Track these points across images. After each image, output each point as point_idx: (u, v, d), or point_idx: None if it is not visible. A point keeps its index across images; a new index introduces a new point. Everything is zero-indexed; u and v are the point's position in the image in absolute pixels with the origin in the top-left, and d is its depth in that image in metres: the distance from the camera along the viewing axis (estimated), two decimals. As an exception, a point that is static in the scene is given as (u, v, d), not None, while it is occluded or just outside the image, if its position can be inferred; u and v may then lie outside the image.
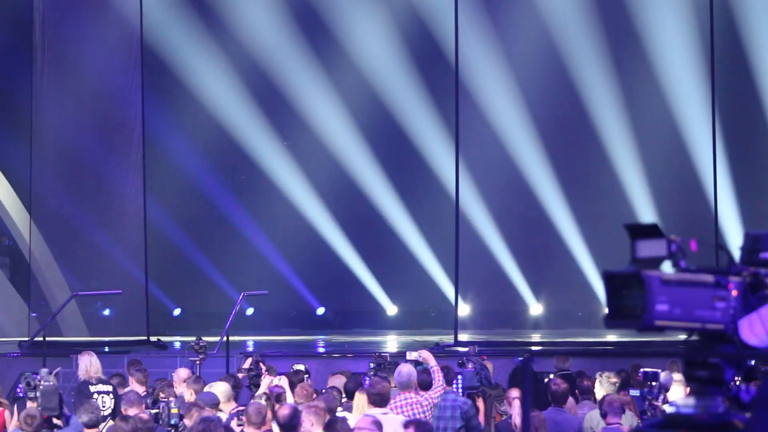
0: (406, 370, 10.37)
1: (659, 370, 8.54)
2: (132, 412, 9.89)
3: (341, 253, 23.73)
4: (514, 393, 11.47)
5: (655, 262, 3.44)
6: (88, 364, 11.89)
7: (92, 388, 11.69)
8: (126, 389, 11.98)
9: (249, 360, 11.92)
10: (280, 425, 8.56)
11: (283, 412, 8.67)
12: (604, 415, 9.92)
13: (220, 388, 10.17)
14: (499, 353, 15.85)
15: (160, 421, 9.47)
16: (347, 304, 24.37)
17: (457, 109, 19.05)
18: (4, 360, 17.43)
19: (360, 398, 10.08)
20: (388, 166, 23.51)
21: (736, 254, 3.65)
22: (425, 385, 10.59)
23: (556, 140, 21.68)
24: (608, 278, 3.47)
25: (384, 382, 9.98)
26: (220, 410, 9.87)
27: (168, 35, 23.02)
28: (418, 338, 21.53)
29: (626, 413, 10.32)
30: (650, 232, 3.47)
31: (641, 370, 8.64)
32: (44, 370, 11.73)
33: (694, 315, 3.43)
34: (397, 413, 9.93)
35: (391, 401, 9.97)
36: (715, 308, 3.45)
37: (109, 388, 11.89)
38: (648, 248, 3.46)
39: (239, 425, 9.19)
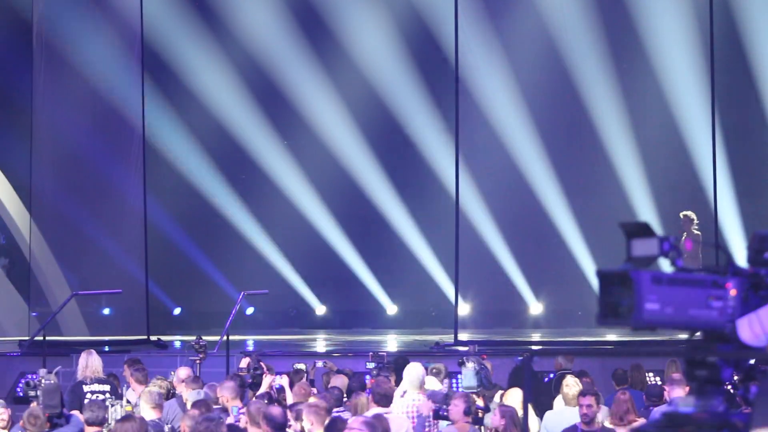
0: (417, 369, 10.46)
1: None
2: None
3: (341, 252, 23.71)
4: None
5: (649, 261, 3.45)
6: (86, 364, 11.87)
7: (86, 388, 11.67)
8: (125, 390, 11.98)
9: (247, 360, 11.92)
10: (271, 425, 8.53)
11: (273, 411, 8.66)
12: None
13: (226, 386, 10.30)
14: (499, 353, 15.85)
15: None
16: (347, 303, 24.35)
17: (457, 108, 19.03)
18: (4, 359, 17.44)
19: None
20: (388, 166, 23.50)
21: (742, 254, 3.65)
22: None
23: (556, 140, 21.69)
24: (600, 277, 3.50)
25: (388, 383, 10.02)
26: (224, 409, 9.90)
27: (168, 35, 23.00)
28: (418, 338, 21.54)
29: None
30: (644, 231, 3.48)
31: None
32: (43, 371, 11.75)
33: (687, 314, 3.43)
34: (404, 412, 10.00)
35: (399, 400, 10.02)
36: (711, 307, 3.45)
37: (106, 387, 11.86)
38: (642, 247, 3.47)
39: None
